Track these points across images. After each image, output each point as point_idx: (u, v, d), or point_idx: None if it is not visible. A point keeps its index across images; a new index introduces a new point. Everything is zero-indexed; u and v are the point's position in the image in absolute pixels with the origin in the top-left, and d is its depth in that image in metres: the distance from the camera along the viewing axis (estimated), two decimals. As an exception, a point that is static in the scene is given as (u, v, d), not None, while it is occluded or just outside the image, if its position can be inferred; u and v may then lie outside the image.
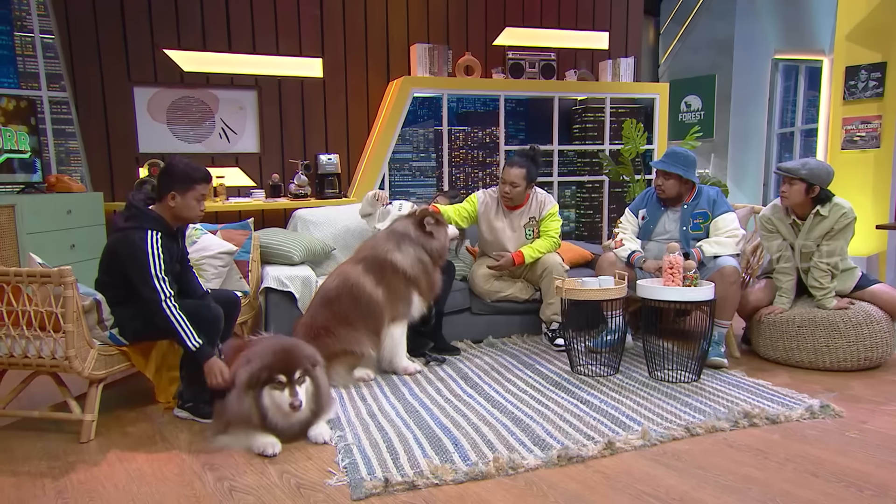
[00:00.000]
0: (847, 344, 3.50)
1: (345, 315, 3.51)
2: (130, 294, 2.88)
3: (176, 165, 2.95)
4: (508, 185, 4.13)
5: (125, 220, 2.91)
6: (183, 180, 2.89)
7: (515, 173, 4.12)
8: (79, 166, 5.46)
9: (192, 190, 2.91)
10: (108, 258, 2.92)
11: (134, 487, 2.32)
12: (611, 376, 3.51)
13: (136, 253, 2.76)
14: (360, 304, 3.53)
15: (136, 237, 2.79)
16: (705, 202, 3.82)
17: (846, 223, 3.55)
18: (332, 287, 3.58)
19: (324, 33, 5.98)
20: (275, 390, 2.61)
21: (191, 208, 2.93)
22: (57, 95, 5.38)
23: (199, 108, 5.79)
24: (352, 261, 3.71)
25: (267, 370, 2.61)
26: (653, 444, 2.65)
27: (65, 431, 2.82)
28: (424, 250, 3.73)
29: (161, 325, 2.80)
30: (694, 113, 7.94)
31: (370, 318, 3.55)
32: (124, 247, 2.81)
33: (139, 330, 2.92)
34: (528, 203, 4.25)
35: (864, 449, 2.60)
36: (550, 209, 4.23)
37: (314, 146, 6.01)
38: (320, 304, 3.57)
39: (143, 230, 2.80)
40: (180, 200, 2.89)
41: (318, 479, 2.37)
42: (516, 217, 4.23)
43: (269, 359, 2.65)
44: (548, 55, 6.30)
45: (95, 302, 2.75)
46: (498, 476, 2.39)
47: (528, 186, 4.17)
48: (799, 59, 7.01)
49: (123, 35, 5.43)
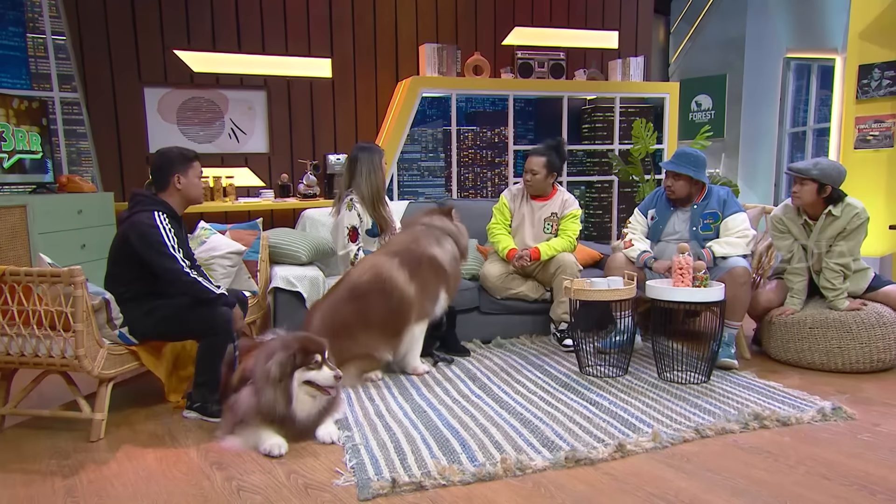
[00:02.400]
0: (859, 345, 3.47)
1: (371, 313, 3.41)
2: (141, 289, 2.91)
3: (169, 151, 3.09)
4: (529, 173, 4.22)
5: (130, 207, 2.96)
6: (181, 161, 3.04)
7: (536, 161, 4.20)
8: (90, 167, 5.49)
9: (192, 168, 3.07)
10: (119, 247, 2.94)
11: (142, 486, 2.33)
12: (620, 377, 3.49)
13: (147, 231, 2.84)
14: (391, 300, 3.45)
15: (143, 217, 2.87)
16: (715, 202, 3.79)
17: (859, 223, 3.52)
18: (364, 281, 3.46)
19: (333, 33, 5.98)
20: (310, 370, 2.64)
21: (196, 185, 3.09)
22: (68, 96, 5.41)
23: (209, 108, 5.81)
24: (386, 253, 3.61)
25: (302, 353, 2.64)
26: (664, 446, 2.64)
27: (75, 430, 2.83)
28: (458, 246, 3.77)
29: (173, 314, 2.89)
30: (705, 112, 7.89)
31: (397, 317, 3.48)
32: (134, 230, 2.85)
33: (149, 329, 2.94)
34: (554, 198, 4.28)
35: (876, 452, 2.57)
36: (573, 210, 4.26)
37: (323, 146, 6.02)
38: (347, 297, 3.43)
39: (149, 211, 2.90)
40: (185, 180, 3.03)
41: (325, 480, 2.36)
42: (538, 208, 4.26)
43: (299, 343, 2.68)
44: (557, 55, 6.28)
45: (104, 301, 2.76)
46: (506, 477, 2.38)
47: (549, 175, 4.21)
48: (811, 57, 6.95)
49: (134, 36, 5.45)
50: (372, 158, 3.96)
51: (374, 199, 3.96)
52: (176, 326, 2.94)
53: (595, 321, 3.97)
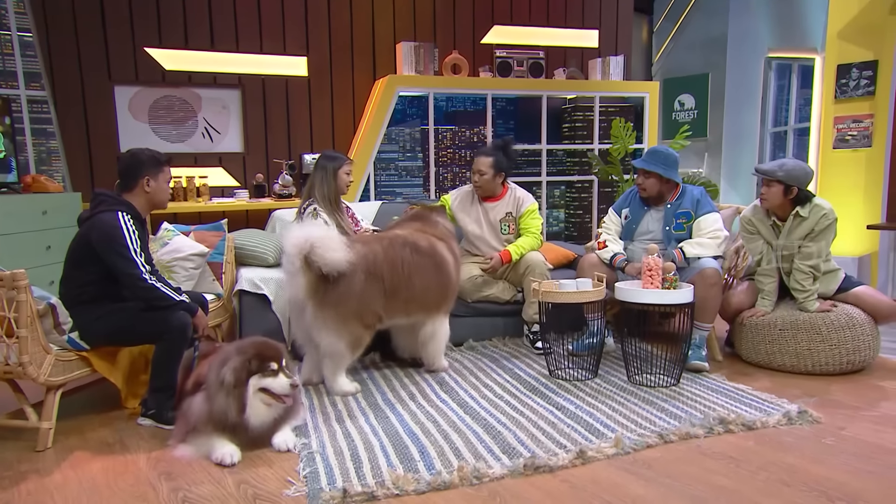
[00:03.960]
0: (829, 347, 3.43)
1: (416, 276, 3.40)
2: (96, 292, 2.83)
3: (141, 153, 3.03)
4: (477, 174, 4.18)
5: (93, 207, 2.90)
6: (153, 164, 2.99)
7: (482, 161, 4.16)
8: (60, 166, 5.40)
9: (163, 172, 3.03)
10: (78, 248, 2.89)
11: (84, 498, 2.25)
12: (589, 380, 3.44)
13: (110, 231, 2.78)
14: (439, 275, 3.51)
15: (107, 217, 2.81)
16: (689, 202, 3.75)
17: (827, 224, 3.48)
18: (423, 245, 3.49)
19: (308, 31, 5.91)
20: (266, 378, 2.58)
21: (164, 191, 3.05)
22: (36, 94, 5.32)
23: (182, 107, 5.72)
24: (434, 234, 3.65)
25: (258, 359, 2.58)
26: (626, 452, 2.59)
27: (24, 439, 2.74)
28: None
29: (127, 321, 2.83)
30: (687, 112, 7.86)
31: (436, 296, 3.51)
32: (96, 229, 2.79)
33: (101, 334, 2.86)
34: (505, 197, 4.23)
35: (838, 457, 2.53)
36: (529, 206, 4.20)
37: (299, 146, 5.95)
38: (404, 245, 3.43)
39: (112, 211, 2.83)
40: (154, 184, 2.99)
41: (276, 490, 2.30)
42: (491, 209, 4.21)
43: (255, 349, 2.62)
44: (536, 53, 6.23)
45: (50, 306, 2.68)
46: (461, 486, 2.33)
47: (496, 175, 4.16)
48: (792, 57, 6.92)
49: (104, 33, 5.36)
50: (326, 166, 3.91)
51: (330, 206, 3.92)
52: (129, 331, 2.87)
53: (568, 323, 3.93)
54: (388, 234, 3.58)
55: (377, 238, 3.51)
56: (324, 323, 3.16)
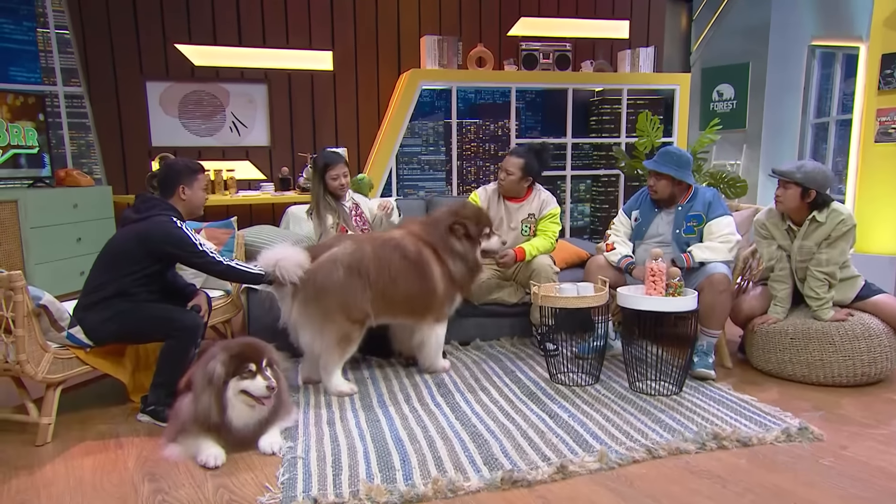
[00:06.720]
0: (843, 358, 3.29)
1: (401, 279, 3.36)
2: (121, 289, 2.91)
3: (175, 163, 3.21)
4: (504, 172, 4.10)
5: (143, 210, 3.00)
6: (187, 173, 3.12)
7: (512, 162, 4.08)
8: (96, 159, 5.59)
9: (197, 180, 3.14)
10: (125, 244, 2.95)
11: (67, 498, 2.33)
12: (589, 386, 3.39)
13: (175, 232, 2.94)
14: (422, 282, 3.42)
15: (166, 219, 2.96)
16: (700, 204, 3.64)
17: (845, 230, 3.32)
18: (411, 250, 3.42)
19: (334, 26, 5.94)
20: (245, 380, 2.60)
21: (200, 197, 3.17)
22: (73, 90, 5.50)
23: (210, 101, 5.84)
24: (422, 238, 3.54)
25: (236, 360, 2.62)
26: (610, 467, 2.54)
27: (25, 433, 2.85)
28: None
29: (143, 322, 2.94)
30: (726, 102, 7.59)
31: (420, 303, 3.45)
32: (160, 230, 2.93)
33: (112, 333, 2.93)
34: (530, 199, 4.16)
35: (833, 479, 2.43)
36: (551, 210, 4.13)
37: (324, 139, 6.01)
38: (393, 248, 3.39)
39: (167, 216, 2.98)
40: (189, 192, 3.11)
41: (251, 496, 2.34)
42: (514, 210, 4.15)
43: (234, 350, 2.65)
44: (563, 46, 6.11)
45: (41, 307, 2.75)
46: (435, 499, 2.32)
47: (523, 178, 4.08)
48: (837, 45, 6.61)
49: (136, 30, 5.50)
50: (315, 168, 3.99)
51: (325, 206, 3.98)
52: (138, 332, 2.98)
53: (576, 325, 3.87)
54: (382, 235, 3.60)
55: (370, 238, 3.53)
56: (308, 319, 3.22)
